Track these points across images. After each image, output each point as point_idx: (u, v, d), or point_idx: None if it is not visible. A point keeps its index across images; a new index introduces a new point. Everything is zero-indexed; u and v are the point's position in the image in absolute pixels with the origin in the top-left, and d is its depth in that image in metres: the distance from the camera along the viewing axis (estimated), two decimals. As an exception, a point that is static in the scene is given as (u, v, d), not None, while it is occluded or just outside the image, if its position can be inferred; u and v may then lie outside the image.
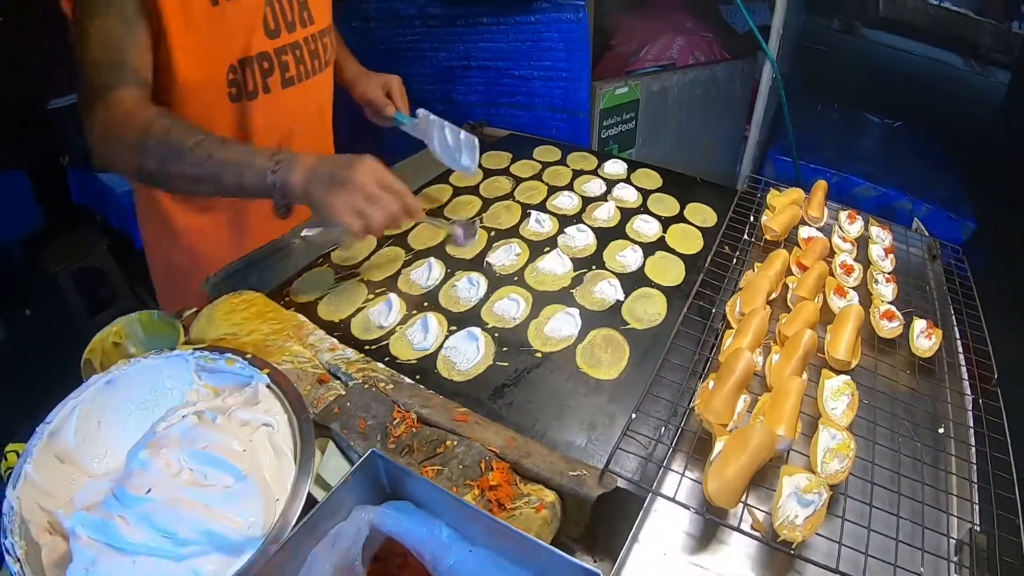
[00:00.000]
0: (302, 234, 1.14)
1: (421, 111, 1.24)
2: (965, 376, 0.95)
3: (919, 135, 3.03)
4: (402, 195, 0.91)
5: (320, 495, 0.69)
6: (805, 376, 0.82)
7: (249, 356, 0.79)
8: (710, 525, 0.69)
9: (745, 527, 0.66)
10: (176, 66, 0.97)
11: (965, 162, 2.83)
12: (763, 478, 0.72)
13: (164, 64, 0.97)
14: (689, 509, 0.67)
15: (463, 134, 1.22)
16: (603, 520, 0.70)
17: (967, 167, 2.79)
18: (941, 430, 0.83)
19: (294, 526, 0.61)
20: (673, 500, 0.67)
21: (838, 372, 0.86)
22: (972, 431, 0.85)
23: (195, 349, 0.80)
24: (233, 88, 1.05)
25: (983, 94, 3.92)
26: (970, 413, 0.88)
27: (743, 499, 0.68)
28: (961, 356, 0.98)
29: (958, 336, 1.02)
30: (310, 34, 1.15)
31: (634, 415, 0.75)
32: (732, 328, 0.90)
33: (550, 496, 0.68)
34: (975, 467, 0.79)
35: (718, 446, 0.70)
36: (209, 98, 1.04)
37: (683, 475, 0.71)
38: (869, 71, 4.44)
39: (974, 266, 1.12)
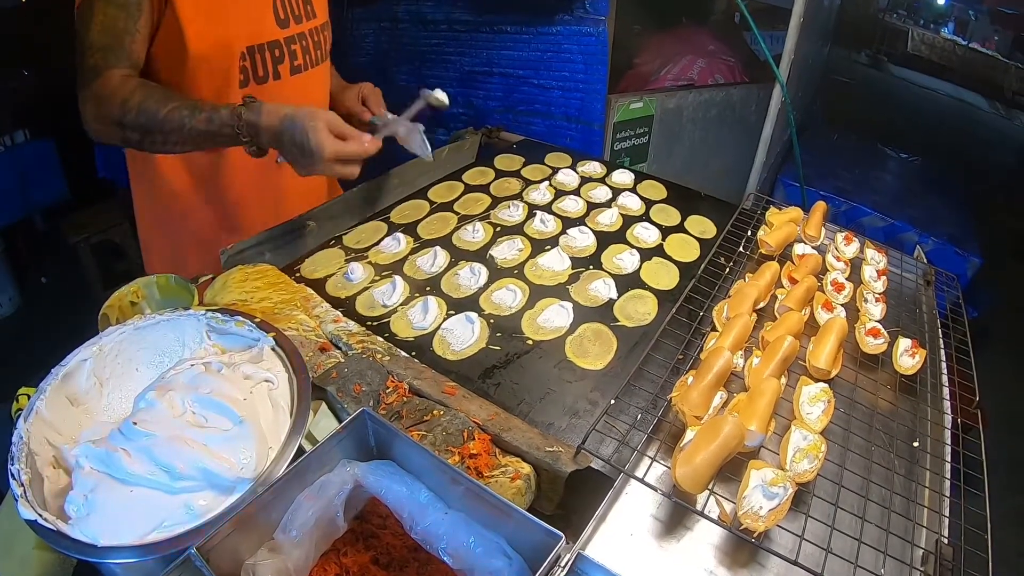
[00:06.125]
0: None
1: (380, 117, 1.28)
2: (947, 396, 0.96)
3: (935, 172, 3.03)
4: (355, 167, 1.02)
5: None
6: (784, 380, 0.84)
7: (258, 320, 0.83)
8: (677, 512, 0.72)
9: (712, 516, 0.69)
10: (189, 51, 1.03)
11: (979, 202, 2.83)
12: (734, 472, 0.74)
13: (176, 49, 1.03)
14: (656, 491, 0.70)
15: (419, 131, 1.24)
16: (575, 501, 0.73)
17: (980, 207, 2.78)
18: (916, 444, 0.85)
19: (283, 472, 0.65)
20: (642, 481, 0.70)
21: (817, 381, 0.88)
22: (948, 448, 0.86)
23: (207, 310, 0.85)
24: (242, 75, 1.11)
25: (1006, 137, 3.89)
26: (948, 431, 0.89)
27: (710, 487, 0.70)
28: (945, 377, 0.99)
29: (944, 358, 1.03)
30: (313, 27, 1.22)
31: (613, 401, 0.78)
32: (717, 331, 0.93)
33: (526, 468, 0.71)
34: (948, 482, 0.81)
35: (689, 435, 0.72)
36: (218, 83, 1.10)
37: (655, 459, 0.74)
38: (892, 106, 4.44)
39: (980, 305, 1.13)
